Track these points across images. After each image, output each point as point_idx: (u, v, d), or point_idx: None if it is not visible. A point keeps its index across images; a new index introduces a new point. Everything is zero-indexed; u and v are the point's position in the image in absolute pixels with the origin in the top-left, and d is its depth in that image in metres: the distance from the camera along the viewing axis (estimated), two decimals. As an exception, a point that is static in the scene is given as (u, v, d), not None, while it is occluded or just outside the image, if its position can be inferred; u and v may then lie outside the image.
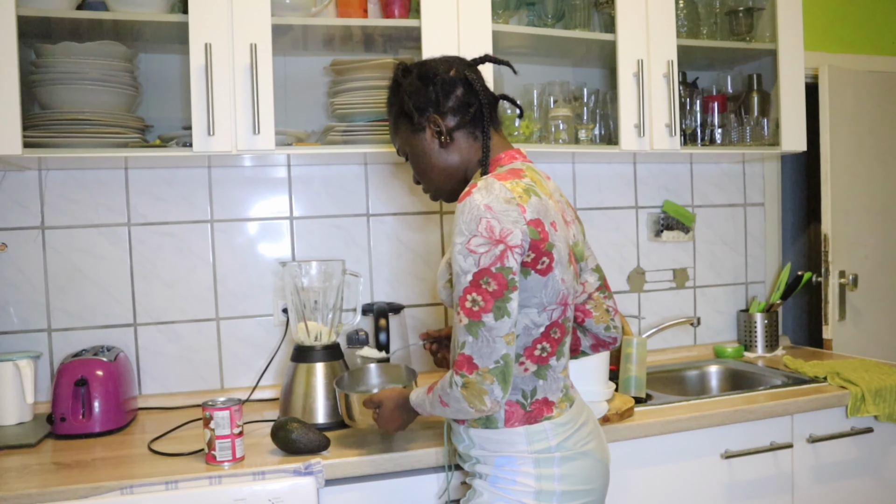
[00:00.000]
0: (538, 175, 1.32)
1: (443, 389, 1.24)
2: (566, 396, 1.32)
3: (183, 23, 1.73)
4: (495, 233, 1.16)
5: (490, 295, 1.16)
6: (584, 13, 2.14)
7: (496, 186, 1.20)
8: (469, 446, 1.32)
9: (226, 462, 1.46)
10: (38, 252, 1.96)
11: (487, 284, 1.16)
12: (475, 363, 1.17)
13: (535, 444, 1.26)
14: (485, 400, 1.18)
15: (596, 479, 1.30)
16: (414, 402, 1.35)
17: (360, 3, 1.93)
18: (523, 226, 1.18)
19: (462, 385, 1.18)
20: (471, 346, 1.17)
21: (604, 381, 1.74)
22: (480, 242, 1.16)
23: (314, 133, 2.08)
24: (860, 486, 1.99)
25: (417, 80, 1.33)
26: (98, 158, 1.76)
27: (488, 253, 1.16)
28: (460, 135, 1.33)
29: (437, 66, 1.34)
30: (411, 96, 1.33)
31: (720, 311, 2.61)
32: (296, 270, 1.80)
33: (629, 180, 2.48)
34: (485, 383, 1.17)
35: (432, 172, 1.37)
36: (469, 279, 1.17)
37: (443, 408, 1.25)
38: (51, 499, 1.36)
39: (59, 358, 1.96)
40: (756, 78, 2.34)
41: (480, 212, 1.17)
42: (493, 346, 1.17)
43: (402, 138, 1.39)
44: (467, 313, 1.17)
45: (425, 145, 1.35)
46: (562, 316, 1.28)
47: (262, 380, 2.07)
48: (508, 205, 1.18)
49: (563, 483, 1.25)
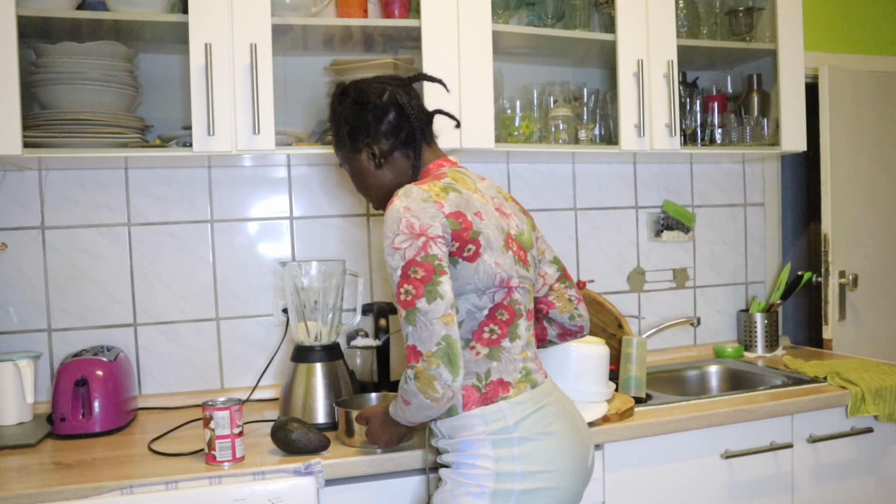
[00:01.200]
0: (464, 175, 1.39)
1: (401, 388, 1.28)
2: (527, 378, 1.34)
3: (183, 23, 1.73)
4: (415, 228, 1.24)
5: (419, 281, 1.22)
6: (584, 13, 2.14)
7: (413, 190, 1.30)
8: (439, 439, 1.38)
9: (226, 462, 1.46)
10: (38, 252, 1.96)
11: (415, 273, 1.22)
12: (419, 350, 1.22)
13: (492, 425, 1.28)
14: (435, 386, 1.21)
15: (561, 461, 1.30)
16: (392, 411, 1.37)
17: (360, 3, 1.94)
18: (442, 219, 1.26)
19: (413, 377, 1.23)
20: (412, 335, 1.22)
21: (604, 381, 1.74)
22: (403, 239, 1.24)
23: (314, 133, 2.08)
24: (860, 486, 1.99)
25: (353, 104, 1.42)
26: (98, 158, 1.76)
27: (411, 246, 1.23)
28: (395, 155, 1.42)
29: (370, 91, 1.41)
30: (347, 120, 1.43)
31: (720, 311, 2.61)
32: (296, 270, 1.80)
33: (629, 180, 2.48)
34: (431, 368, 1.21)
35: (370, 189, 1.47)
36: (399, 273, 1.24)
37: (405, 407, 1.29)
38: (51, 499, 1.36)
39: (59, 358, 1.96)
40: (756, 78, 2.34)
41: (400, 213, 1.26)
42: (432, 328, 1.21)
43: (341, 155, 1.49)
44: (403, 304, 1.23)
45: (362, 165, 1.44)
46: (506, 298, 1.33)
47: (262, 380, 2.07)
48: (426, 203, 1.27)
49: (523, 463, 1.26)
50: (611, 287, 2.46)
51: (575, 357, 1.69)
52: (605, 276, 2.45)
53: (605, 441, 1.68)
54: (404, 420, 1.35)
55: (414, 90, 1.45)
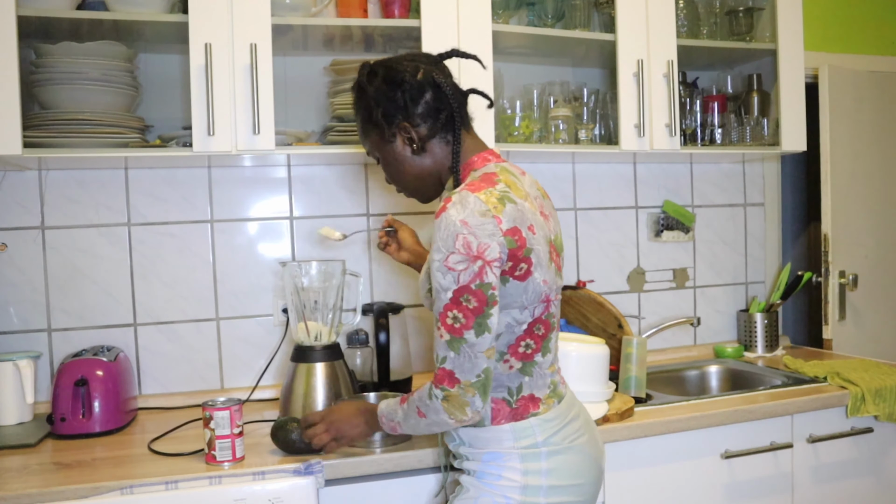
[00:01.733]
0: (512, 176, 1.29)
1: (421, 401, 1.24)
2: (554, 392, 1.31)
3: (183, 23, 1.73)
4: (472, 249, 1.16)
5: (471, 312, 1.17)
6: (584, 13, 2.14)
7: (470, 200, 1.19)
8: (459, 444, 1.34)
9: (226, 462, 1.46)
10: (38, 252, 1.96)
11: (468, 302, 1.16)
12: (457, 377, 1.19)
13: (522, 441, 1.26)
14: (466, 411, 1.20)
15: (586, 474, 1.30)
16: (384, 411, 1.35)
17: (360, 3, 1.94)
18: (500, 238, 1.17)
19: (443, 398, 1.20)
20: (452, 362, 1.18)
21: (604, 381, 1.74)
22: (458, 259, 1.16)
23: (314, 133, 2.08)
24: (860, 486, 1.99)
25: (384, 85, 1.30)
26: (98, 158, 1.76)
27: (467, 270, 1.16)
28: (434, 140, 1.32)
29: (402, 70, 1.30)
30: (379, 102, 1.31)
31: (720, 311, 2.61)
32: (296, 270, 1.80)
33: (629, 180, 2.48)
34: (466, 396, 1.19)
35: (406, 178, 1.36)
36: (449, 296, 1.17)
37: (418, 418, 1.25)
38: (51, 499, 1.36)
39: (59, 358, 1.96)
40: (756, 78, 2.34)
41: (457, 228, 1.16)
42: (475, 361, 1.18)
43: (371, 143, 1.37)
44: (449, 329, 1.18)
45: (397, 152, 1.33)
46: (545, 312, 1.28)
47: (262, 380, 2.07)
48: (484, 218, 1.17)
49: (551, 477, 1.25)
50: (611, 287, 2.46)
51: (575, 357, 1.69)
52: (605, 276, 2.45)
53: (605, 441, 1.68)
54: (397, 428, 1.32)
55: (447, 68, 1.35)
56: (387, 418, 1.34)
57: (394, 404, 1.33)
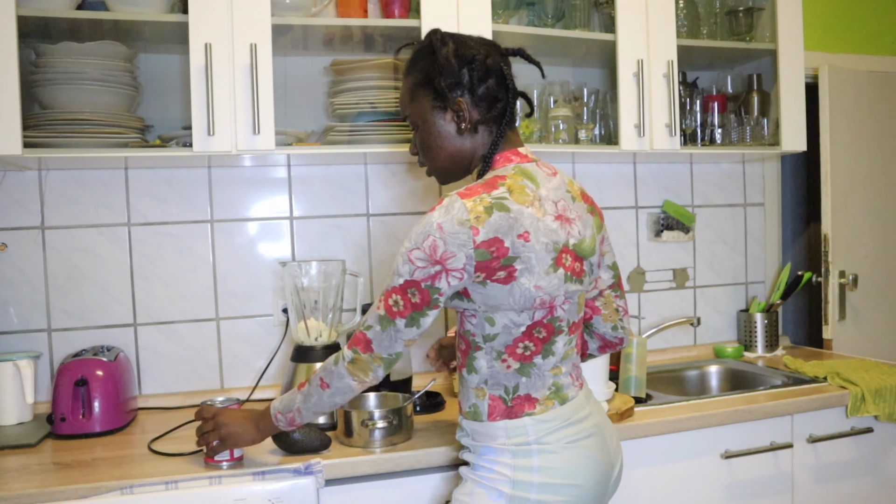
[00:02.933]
0: (526, 179, 1.27)
1: (325, 370, 1.31)
2: (556, 394, 1.30)
3: (183, 23, 1.73)
4: (437, 253, 1.19)
5: (411, 305, 1.23)
6: (584, 13, 2.14)
7: (456, 206, 1.20)
8: (464, 436, 1.36)
9: (224, 462, 1.46)
10: (38, 252, 1.96)
11: (413, 295, 1.22)
12: (372, 348, 1.26)
13: (514, 438, 1.27)
14: (368, 374, 1.28)
15: (584, 476, 1.28)
16: (277, 407, 1.37)
17: (360, 3, 1.94)
18: (469, 250, 1.18)
19: (351, 360, 1.27)
20: (375, 333, 1.25)
21: (604, 381, 1.74)
22: (421, 257, 1.20)
23: (314, 133, 2.08)
24: (860, 486, 1.99)
25: (454, 57, 1.28)
26: (98, 158, 1.76)
27: (423, 269, 1.20)
28: (480, 126, 1.31)
29: (475, 48, 1.29)
30: (444, 71, 1.28)
31: (720, 311, 2.61)
32: (296, 270, 1.80)
33: (629, 180, 2.48)
34: (373, 364, 1.27)
35: (439, 153, 1.34)
36: (399, 283, 1.23)
37: (321, 392, 1.31)
38: (51, 499, 1.36)
39: (59, 358, 1.96)
40: (756, 78, 2.34)
41: (431, 229, 1.20)
42: (394, 343, 1.26)
43: (417, 108, 1.34)
44: (386, 309, 1.24)
45: (442, 125, 1.32)
46: (547, 316, 1.27)
47: (262, 380, 2.07)
48: (461, 227, 1.18)
49: (542, 475, 1.25)
50: (611, 287, 2.46)
51: (575, 357, 1.69)
52: (605, 276, 2.45)
53: (605, 441, 1.68)
54: (295, 419, 1.36)
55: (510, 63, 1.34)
56: (282, 413, 1.37)
57: (288, 396, 1.37)
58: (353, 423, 1.55)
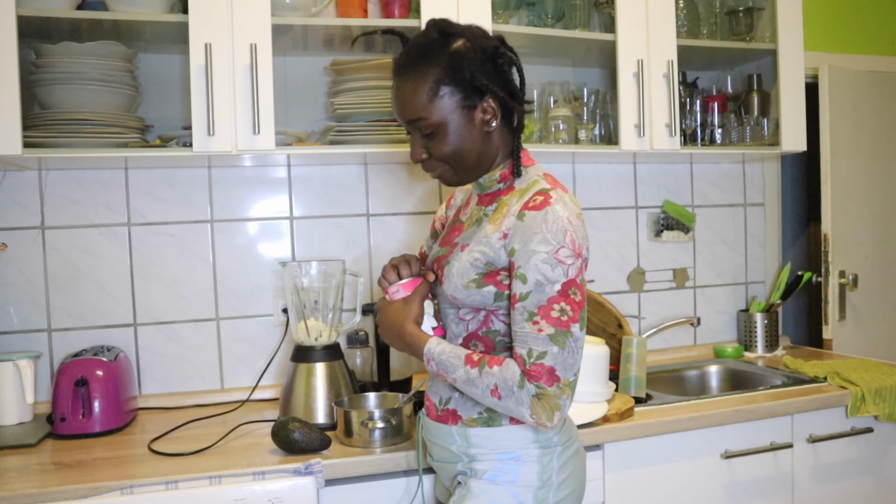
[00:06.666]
0: None
1: (505, 383, 1.15)
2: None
3: (183, 23, 1.73)
4: (576, 246, 1.17)
5: (577, 305, 1.16)
6: (584, 13, 2.14)
7: (567, 199, 1.20)
8: (463, 446, 1.28)
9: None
10: (38, 252, 1.96)
11: (575, 295, 1.16)
12: (557, 375, 1.14)
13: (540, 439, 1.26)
14: (553, 416, 1.14)
15: (583, 470, 1.34)
16: (434, 354, 1.22)
17: (360, 3, 1.94)
18: (588, 242, 1.21)
19: (536, 395, 1.14)
20: (555, 357, 1.14)
21: (604, 381, 1.74)
22: (567, 254, 1.16)
23: (314, 133, 2.08)
24: (860, 486, 1.99)
25: (480, 52, 1.20)
26: (98, 158, 1.76)
27: (574, 265, 1.16)
28: (503, 123, 1.26)
29: (491, 40, 1.23)
30: (471, 66, 1.19)
31: (720, 311, 2.61)
32: (296, 270, 1.80)
33: (629, 180, 2.48)
34: (561, 398, 1.14)
35: (468, 152, 1.24)
36: (557, 289, 1.15)
37: (489, 395, 1.17)
38: (51, 499, 1.36)
39: (59, 358, 1.96)
40: (756, 78, 2.34)
41: (565, 224, 1.16)
42: (576, 357, 1.16)
43: (440, 108, 1.21)
44: (555, 323, 1.14)
45: (469, 125, 1.23)
46: None
47: (262, 380, 2.07)
48: (580, 220, 1.20)
49: (561, 473, 1.26)
50: (611, 287, 2.46)
51: (575, 357, 1.68)
52: (605, 276, 2.45)
53: (605, 441, 1.68)
54: (444, 374, 1.21)
55: None
56: (436, 362, 1.22)
57: (453, 357, 1.21)
58: (353, 423, 1.55)
